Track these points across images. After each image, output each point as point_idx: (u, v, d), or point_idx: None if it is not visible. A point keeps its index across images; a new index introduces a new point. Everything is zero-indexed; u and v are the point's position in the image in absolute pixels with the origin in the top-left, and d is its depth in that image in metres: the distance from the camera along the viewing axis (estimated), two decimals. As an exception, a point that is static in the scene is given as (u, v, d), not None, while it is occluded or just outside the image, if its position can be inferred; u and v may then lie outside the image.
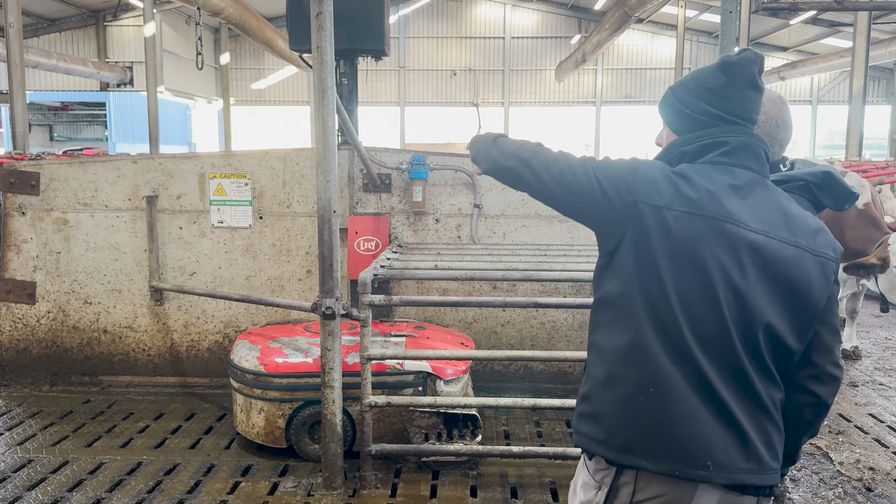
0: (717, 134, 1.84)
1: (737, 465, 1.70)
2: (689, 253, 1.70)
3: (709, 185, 1.75)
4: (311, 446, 4.11)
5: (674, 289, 1.70)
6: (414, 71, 31.01)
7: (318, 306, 3.54)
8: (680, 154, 1.87)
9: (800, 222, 1.80)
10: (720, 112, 1.84)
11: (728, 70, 1.84)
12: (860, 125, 14.40)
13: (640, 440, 1.73)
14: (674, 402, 1.70)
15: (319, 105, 3.45)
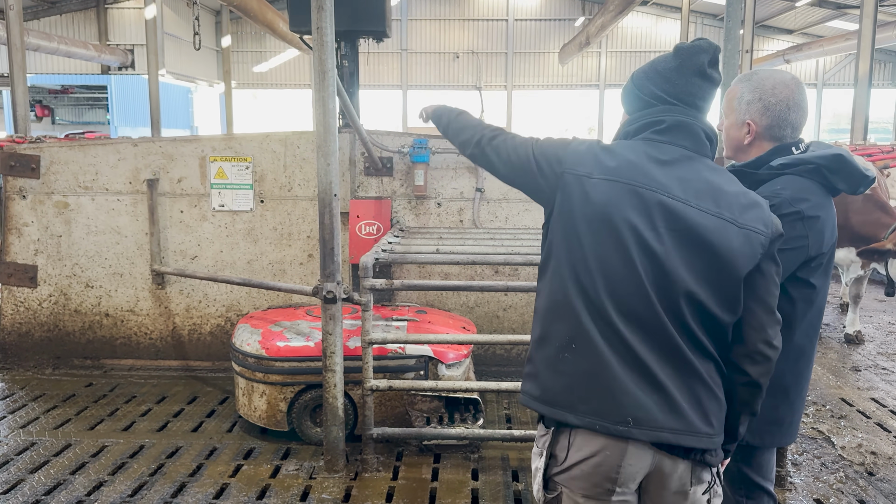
0: (656, 113, 1.90)
1: (659, 422, 1.75)
2: (604, 217, 1.78)
3: (630, 156, 1.83)
4: (313, 430, 4.11)
5: (592, 251, 1.79)
6: (416, 54, 30.81)
7: (320, 290, 3.52)
8: (624, 133, 1.95)
9: (729, 197, 1.82)
10: (663, 94, 1.90)
11: (678, 55, 1.91)
12: (865, 109, 14.27)
13: (565, 395, 1.81)
14: (593, 358, 1.78)
15: (320, 87, 3.42)
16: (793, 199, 2.11)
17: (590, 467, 1.80)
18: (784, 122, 2.21)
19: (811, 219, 2.11)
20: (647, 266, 1.76)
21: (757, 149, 2.27)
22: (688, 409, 1.78)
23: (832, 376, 5.37)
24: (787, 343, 2.15)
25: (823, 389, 5.08)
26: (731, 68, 5.31)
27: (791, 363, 2.19)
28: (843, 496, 3.60)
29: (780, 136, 2.23)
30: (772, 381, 2.13)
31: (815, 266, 2.15)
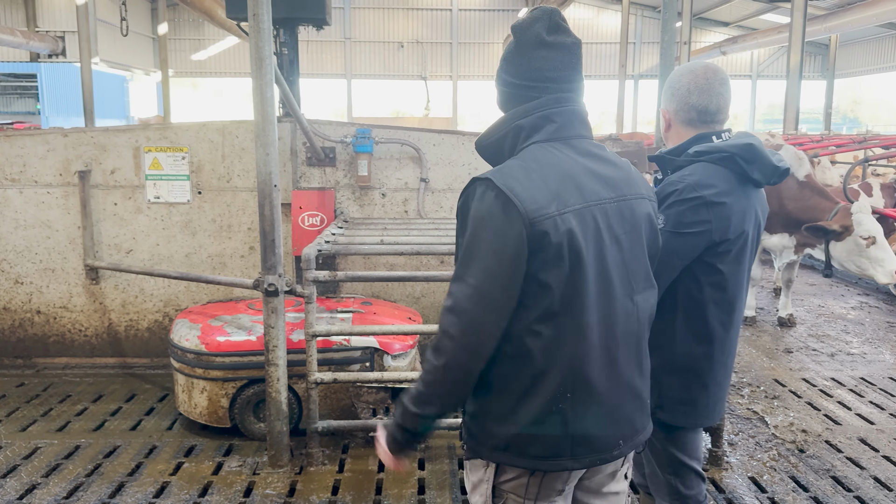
0: (544, 106, 1.76)
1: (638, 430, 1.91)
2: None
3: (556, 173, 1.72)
4: (256, 425, 4.05)
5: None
6: (360, 43, 30.50)
7: (261, 283, 3.46)
8: (516, 130, 1.79)
9: (630, 171, 1.86)
10: (513, 79, 1.79)
11: (514, 34, 1.80)
12: (797, 100, 14.78)
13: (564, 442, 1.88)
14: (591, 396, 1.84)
15: (257, 75, 3.34)
16: (697, 184, 2.16)
17: (550, 484, 1.80)
18: (687, 106, 2.26)
19: (716, 205, 2.15)
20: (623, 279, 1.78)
21: (675, 135, 2.35)
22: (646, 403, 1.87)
23: (766, 358, 5.56)
24: (697, 326, 2.22)
25: (758, 371, 5.26)
26: (669, 60, 5.39)
27: (703, 346, 2.26)
28: (776, 473, 3.74)
29: (688, 120, 2.29)
30: (682, 362, 2.25)
31: (723, 252, 2.19)
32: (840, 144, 11.30)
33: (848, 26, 22.07)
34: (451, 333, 1.65)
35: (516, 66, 1.78)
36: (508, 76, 1.80)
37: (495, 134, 1.82)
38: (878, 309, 7.07)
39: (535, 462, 1.75)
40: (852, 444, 4.08)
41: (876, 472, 3.74)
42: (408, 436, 1.78)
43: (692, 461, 2.43)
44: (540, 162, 1.72)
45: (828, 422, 4.38)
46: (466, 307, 1.65)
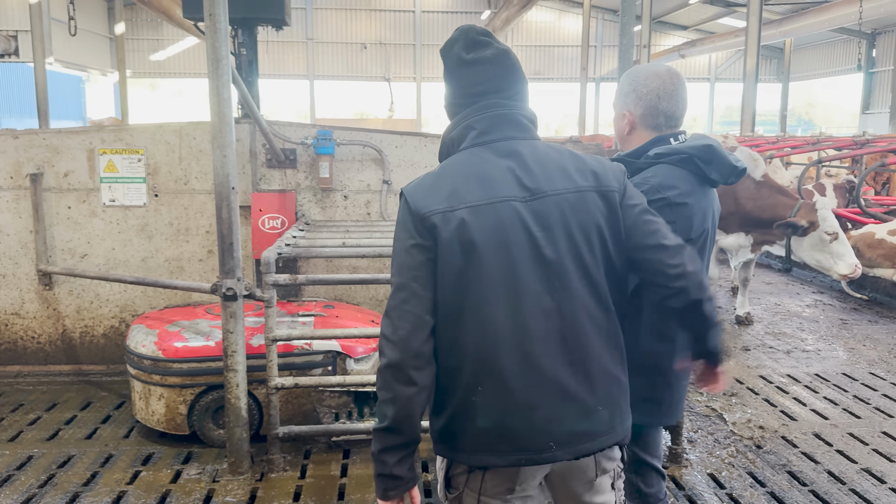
0: (467, 116, 1.88)
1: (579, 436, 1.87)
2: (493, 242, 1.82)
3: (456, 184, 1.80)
4: (216, 432, 3.98)
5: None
6: (323, 44, 30.29)
7: (219, 287, 3.40)
8: (449, 142, 1.93)
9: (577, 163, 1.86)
10: (448, 98, 1.93)
11: (442, 58, 1.92)
12: (753, 102, 15.10)
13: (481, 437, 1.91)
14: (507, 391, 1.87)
15: (214, 76, 3.29)
16: (661, 186, 2.18)
17: (494, 483, 1.83)
18: (656, 111, 2.29)
19: (679, 205, 2.18)
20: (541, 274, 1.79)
21: (637, 138, 2.35)
22: (602, 409, 1.81)
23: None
24: (661, 325, 2.24)
25: (717, 369, 5.34)
26: (627, 63, 5.45)
27: (667, 344, 2.28)
28: (735, 469, 3.80)
29: (655, 125, 2.31)
30: (649, 361, 2.24)
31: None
32: (795, 146, 11.57)
33: (802, 31, 22.64)
34: (385, 334, 1.75)
35: (448, 86, 1.92)
36: (446, 96, 1.94)
37: (441, 148, 1.97)
38: (832, 307, 7.26)
39: (461, 455, 1.81)
40: (807, 439, 4.17)
41: (830, 466, 3.82)
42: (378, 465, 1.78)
43: (653, 459, 2.45)
44: (450, 166, 1.85)
45: (784, 418, 4.47)
46: (392, 305, 1.76)
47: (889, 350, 5.81)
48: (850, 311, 7.04)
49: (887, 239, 7.42)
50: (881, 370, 5.33)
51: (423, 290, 1.74)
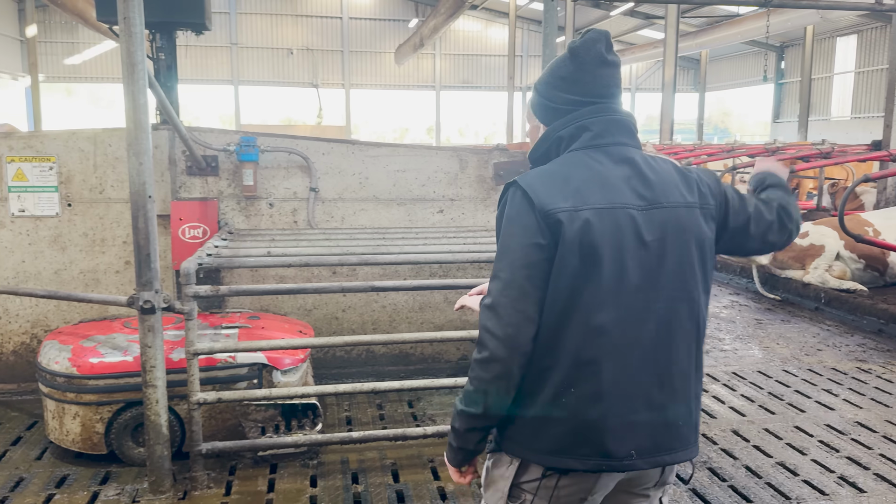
0: (582, 116, 1.87)
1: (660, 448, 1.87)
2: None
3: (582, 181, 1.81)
4: (136, 450, 3.82)
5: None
6: (248, 48, 29.75)
7: (136, 300, 3.27)
8: (556, 140, 1.90)
9: (684, 178, 1.89)
10: (578, 97, 1.87)
11: (575, 56, 1.88)
12: (671, 111, 15.67)
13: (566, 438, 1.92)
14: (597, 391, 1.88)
15: (129, 81, 3.17)
16: None
17: (569, 492, 1.82)
18: None
19: None
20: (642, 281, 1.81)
21: None
22: (682, 423, 1.84)
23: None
24: None
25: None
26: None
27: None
28: (658, 468, 3.91)
29: None
30: None
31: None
32: (711, 153, 12.06)
33: (716, 43, 23.65)
34: (489, 328, 1.74)
35: (581, 85, 1.87)
36: (570, 94, 1.88)
37: (542, 146, 1.93)
38: (748, 307, 7.58)
39: (541, 456, 1.80)
40: (726, 435, 4.33)
41: (747, 462, 3.98)
42: (459, 440, 1.86)
43: None
44: (568, 165, 1.83)
45: (704, 415, 4.63)
46: (500, 301, 1.74)
47: (801, 348, 6.10)
48: (765, 312, 7.37)
49: (797, 242, 7.81)
50: (793, 367, 5.59)
51: (534, 290, 1.74)
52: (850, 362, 5.70)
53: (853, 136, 21.37)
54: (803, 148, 11.23)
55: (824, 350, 6.04)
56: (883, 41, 23.61)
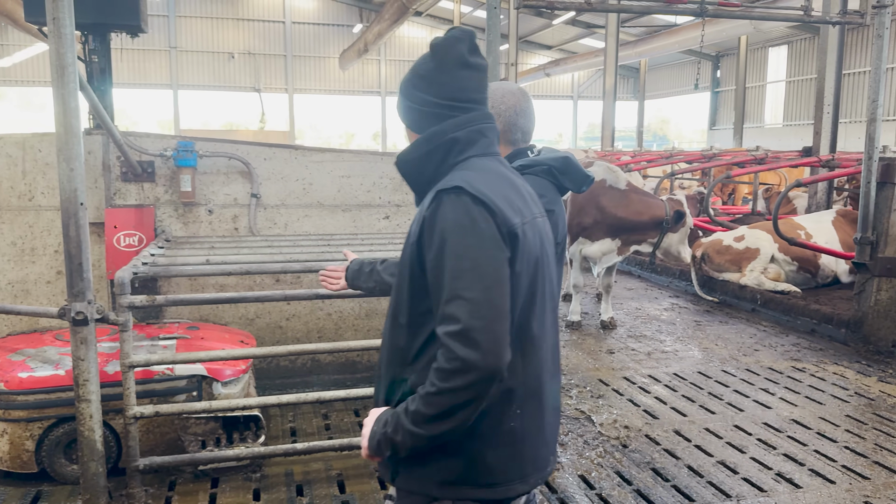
0: (477, 120, 1.77)
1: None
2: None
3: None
4: (69, 467, 3.67)
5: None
6: (188, 52, 29.11)
7: (67, 311, 3.14)
8: (449, 142, 1.76)
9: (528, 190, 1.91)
10: (436, 98, 1.75)
11: (435, 54, 1.77)
12: (612, 119, 15.99)
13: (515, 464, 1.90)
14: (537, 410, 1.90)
15: (59, 84, 3.04)
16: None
17: None
18: (514, 127, 2.41)
19: (549, 212, 2.29)
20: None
21: None
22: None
23: (591, 360, 5.90)
24: None
25: (584, 372, 5.56)
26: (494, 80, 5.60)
27: None
28: (603, 469, 3.96)
29: (512, 140, 2.43)
30: None
31: (558, 253, 2.37)
32: (650, 160, 12.35)
33: (655, 52, 24.25)
34: (465, 359, 1.54)
35: (438, 86, 1.75)
36: (428, 95, 1.76)
37: (423, 148, 1.76)
38: (687, 309, 7.76)
39: (499, 490, 1.71)
40: (669, 436, 4.42)
41: (689, 461, 4.06)
42: (392, 449, 1.67)
43: None
44: (493, 173, 1.73)
45: (647, 416, 4.71)
46: (476, 324, 1.55)
47: (738, 348, 6.28)
48: (704, 314, 7.56)
49: (734, 245, 8.05)
50: (732, 367, 5.74)
51: (508, 307, 1.61)
52: (785, 362, 5.90)
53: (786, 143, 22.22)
54: (739, 154, 11.59)
55: (761, 350, 6.23)
56: (812, 52, 24.63)
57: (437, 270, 1.61)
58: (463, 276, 1.57)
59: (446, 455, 1.69)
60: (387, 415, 1.69)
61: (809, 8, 6.89)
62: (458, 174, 1.70)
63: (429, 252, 1.64)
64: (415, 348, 1.71)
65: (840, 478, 3.85)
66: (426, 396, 1.59)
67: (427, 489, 1.73)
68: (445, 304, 1.58)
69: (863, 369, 5.70)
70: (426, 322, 1.69)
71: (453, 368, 1.55)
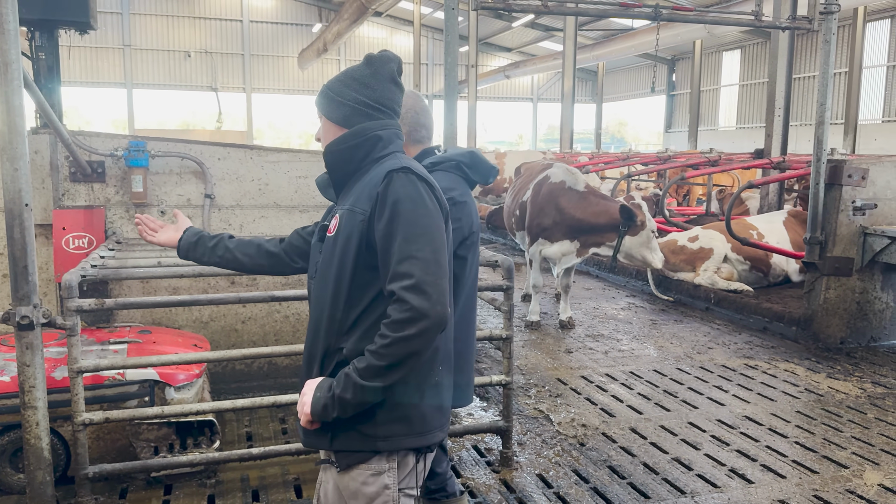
0: (395, 125, 2.08)
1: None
2: None
3: None
4: (14, 476, 3.55)
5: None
6: (142, 51, 28.52)
7: (12, 316, 3.03)
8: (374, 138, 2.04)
9: None
10: (367, 100, 2.04)
11: (371, 64, 2.06)
12: (570, 121, 16.16)
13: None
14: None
15: (2, 81, 2.94)
16: (445, 189, 2.46)
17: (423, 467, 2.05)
18: (419, 125, 2.61)
19: (461, 203, 2.56)
20: None
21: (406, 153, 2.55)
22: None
23: (549, 359, 5.95)
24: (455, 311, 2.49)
25: (543, 372, 5.60)
26: (452, 80, 5.61)
27: (461, 331, 2.57)
28: (561, 468, 3.99)
29: (419, 139, 2.64)
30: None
31: (470, 244, 2.60)
32: (608, 161, 12.51)
33: (612, 55, 24.59)
34: (419, 308, 1.79)
35: (371, 90, 2.04)
36: (360, 95, 2.04)
37: (350, 141, 2.02)
38: (644, 309, 7.88)
39: (421, 439, 1.97)
40: (625, 433, 4.47)
41: (645, 459, 4.12)
42: (342, 408, 1.85)
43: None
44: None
45: (604, 415, 4.77)
46: (427, 279, 1.81)
47: (693, 346, 6.40)
48: (659, 312, 7.69)
49: (688, 245, 8.21)
50: (686, 365, 5.85)
51: (447, 270, 1.92)
52: (738, 359, 6.03)
53: (739, 145, 22.74)
54: (693, 156, 11.83)
55: (714, 348, 6.35)
56: (764, 56, 25.28)
57: (389, 238, 1.86)
58: (415, 239, 1.84)
59: (387, 410, 1.92)
60: (327, 382, 1.89)
61: (760, 13, 7.07)
62: (393, 161, 1.97)
63: (379, 223, 1.88)
64: (351, 318, 1.93)
65: (791, 472, 3.95)
66: (378, 350, 1.81)
67: (369, 445, 1.93)
68: (398, 264, 1.83)
69: (812, 366, 5.85)
70: (363, 295, 1.93)
71: (407, 318, 1.79)
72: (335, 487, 2.04)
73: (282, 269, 2.44)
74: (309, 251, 2.31)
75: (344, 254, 1.93)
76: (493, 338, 3.87)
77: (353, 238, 1.92)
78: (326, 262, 1.99)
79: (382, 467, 1.95)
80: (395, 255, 1.83)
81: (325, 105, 2.08)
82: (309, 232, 2.39)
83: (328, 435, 1.95)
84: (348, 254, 1.92)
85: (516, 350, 6.09)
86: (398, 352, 1.80)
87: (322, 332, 1.98)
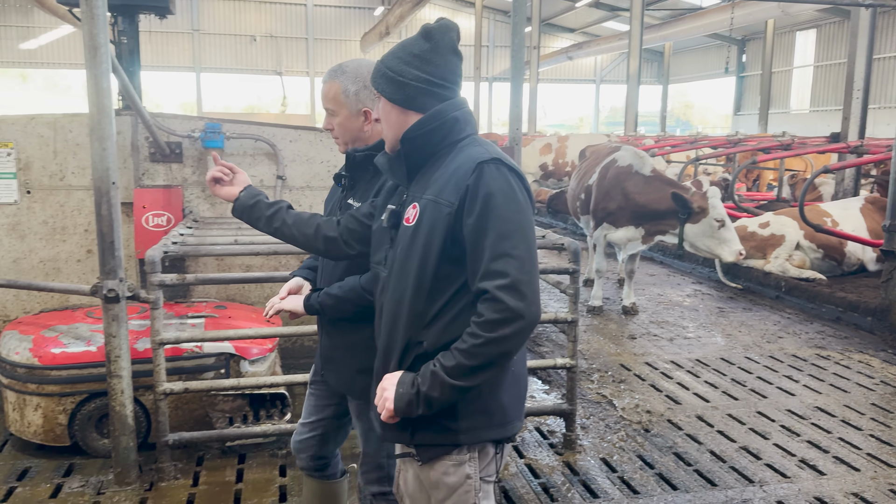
0: (464, 104, 1.97)
1: None
2: None
3: None
4: (100, 441, 3.75)
5: None
6: (210, 35, 29.21)
7: (99, 289, 3.20)
8: (451, 121, 1.93)
9: None
10: (431, 77, 1.90)
11: (430, 37, 1.91)
12: (635, 104, 15.81)
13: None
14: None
15: (91, 64, 3.09)
16: None
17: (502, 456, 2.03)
18: None
19: None
20: None
21: (377, 133, 2.36)
22: None
23: (613, 345, 5.90)
24: None
25: (606, 357, 5.57)
26: (518, 62, 5.57)
27: None
28: (625, 453, 3.97)
29: None
30: None
31: None
32: (675, 145, 12.22)
33: (680, 35, 23.93)
34: (514, 308, 1.73)
35: (433, 66, 1.90)
36: (421, 73, 1.89)
37: (429, 125, 1.91)
38: (710, 296, 7.72)
39: (501, 430, 1.93)
40: (691, 421, 4.42)
41: (712, 447, 4.06)
42: (427, 406, 1.80)
43: None
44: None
45: (669, 402, 4.71)
46: (523, 278, 1.75)
47: (762, 335, 6.24)
48: (727, 300, 7.52)
49: (758, 232, 7.98)
50: (755, 354, 5.72)
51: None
52: (809, 349, 5.86)
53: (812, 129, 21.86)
54: (765, 139, 11.45)
55: (785, 337, 6.19)
56: (841, 36, 24.17)
57: (480, 233, 1.78)
58: (510, 236, 1.76)
59: (467, 402, 1.86)
60: (409, 377, 1.83)
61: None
62: (478, 149, 1.88)
63: (469, 217, 1.80)
64: (432, 312, 1.86)
65: (865, 465, 3.83)
66: (469, 349, 1.75)
67: (450, 439, 1.88)
68: (492, 262, 1.76)
69: (889, 358, 5.64)
70: (445, 287, 1.86)
71: (503, 318, 1.73)
72: (415, 477, 2.01)
73: (336, 254, 2.28)
74: (365, 234, 2.17)
75: (427, 246, 1.84)
76: (559, 321, 3.87)
77: (438, 231, 1.83)
78: (405, 254, 1.89)
79: (463, 458, 1.91)
80: (487, 252, 1.76)
81: (384, 85, 1.93)
82: (365, 213, 2.19)
83: (408, 429, 1.90)
84: (431, 247, 1.84)
85: (578, 335, 6.07)
86: (491, 352, 1.74)
87: (401, 325, 1.90)
